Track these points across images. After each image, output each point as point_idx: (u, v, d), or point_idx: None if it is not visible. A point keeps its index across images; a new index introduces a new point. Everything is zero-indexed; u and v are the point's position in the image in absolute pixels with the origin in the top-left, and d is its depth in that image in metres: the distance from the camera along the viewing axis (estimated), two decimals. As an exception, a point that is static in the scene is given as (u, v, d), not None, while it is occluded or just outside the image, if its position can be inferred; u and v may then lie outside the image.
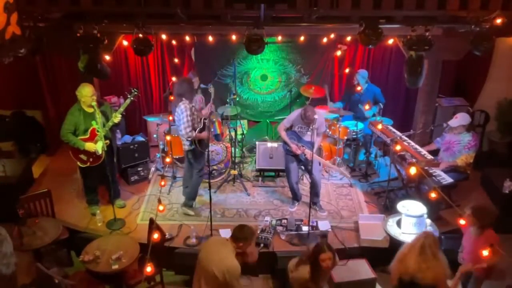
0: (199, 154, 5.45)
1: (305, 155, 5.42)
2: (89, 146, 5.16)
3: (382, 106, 6.52)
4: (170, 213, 5.69)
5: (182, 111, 5.17)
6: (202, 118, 5.48)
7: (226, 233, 5.24)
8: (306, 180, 6.35)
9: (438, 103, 6.69)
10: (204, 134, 5.31)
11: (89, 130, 5.18)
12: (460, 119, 5.44)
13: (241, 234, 3.77)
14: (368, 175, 6.49)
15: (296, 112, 5.53)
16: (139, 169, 6.37)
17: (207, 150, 5.32)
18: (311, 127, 5.09)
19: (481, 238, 3.92)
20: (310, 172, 5.34)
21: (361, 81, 6.45)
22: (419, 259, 3.46)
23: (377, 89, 6.48)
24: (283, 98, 7.62)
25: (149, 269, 3.51)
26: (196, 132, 5.27)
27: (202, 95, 6.76)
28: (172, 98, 5.32)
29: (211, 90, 5.98)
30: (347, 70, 7.34)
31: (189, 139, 5.25)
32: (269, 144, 6.37)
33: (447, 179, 5.19)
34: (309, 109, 5.25)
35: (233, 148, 6.31)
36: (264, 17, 4.95)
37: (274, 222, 5.32)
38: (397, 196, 5.69)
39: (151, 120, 6.83)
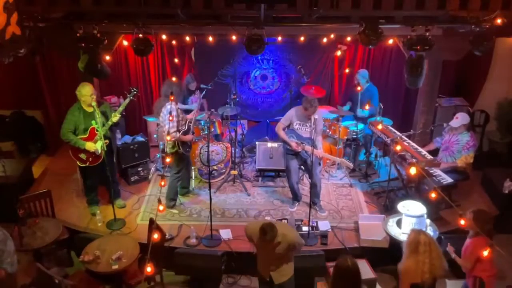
0: (179, 157, 5.51)
1: (306, 151, 5.42)
2: (89, 145, 5.17)
3: (382, 106, 6.52)
4: (170, 213, 5.69)
5: (168, 112, 5.26)
6: (187, 121, 5.52)
7: (226, 233, 5.25)
8: (306, 180, 6.35)
9: (438, 103, 6.68)
10: (188, 137, 5.44)
11: (89, 130, 5.18)
12: (461, 119, 5.45)
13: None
14: (368, 175, 6.49)
15: (293, 109, 5.53)
16: (139, 169, 6.37)
17: (189, 150, 5.44)
18: (312, 125, 5.09)
19: (470, 240, 3.96)
20: (310, 172, 5.34)
21: (362, 81, 6.44)
22: (432, 258, 3.47)
23: (375, 90, 6.46)
24: (283, 98, 7.62)
25: (149, 269, 3.50)
26: (180, 134, 5.34)
27: (199, 96, 6.76)
28: (172, 98, 5.33)
29: (202, 100, 6.00)
30: (347, 70, 7.33)
31: (173, 139, 5.31)
32: (269, 144, 6.36)
33: (447, 179, 5.20)
34: (310, 97, 5.26)
35: (233, 148, 6.31)
36: (264, 17, 4.95)
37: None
38: (397, 196, 5.69)
39: (151, 120, 6.82)
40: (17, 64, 5.24)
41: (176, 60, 7.15)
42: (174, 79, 5.71)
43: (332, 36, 5.91)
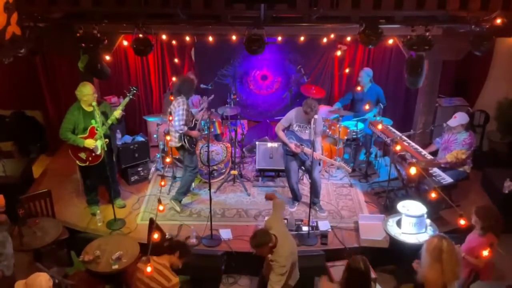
0: (188, 152, 5.52)
1: (305, 153, 5.42)
2: (89, 142, 5.15)
3: (382, 107, 6.52)
4: (170, 213, 5.69)
5: (179, 104, 5.32)
6: (194, 119, 5.52)
7: (226, 233, 5.25)
8: (306, 180, 6.35)
9: (438, 103, 6.69)
10: (194, 132, 5.46)
11: (88, 129, 5.18)
12: (459, 118, 5.46)
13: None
14: (368, 175, 6.49)
15: (293, 111, 5.52)
16: (139, 169, 6.37)
17: (194, 147, 5.47)
18: (311, 126, 5.09)
19: (480, 239, 3.94)
20: (310, 172, 5.33)
21: (366, 79, 6.42)
22: (454, 266, 3.38)
23: (380, 90, 6.47)
24: (283, 98, 7.61)
25: (149, 269, 3.51)
26: (186, 128, 5.37)
27: (200, 96, 6.76)
28: (172, 98, 5.33)
29: (205, 103, 6.03)
30: (347, 70, 7.33)
31: (180, 131, 5.34)
32: (269, 144, 6.36)
33: (447, 179, 5.20)
34: (311, 101, 5.23)
35: (233, 148, 6.31)
36: (264, 17, 4.95)
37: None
38: (397, 196, 5.68)
39: (151, 120, 6.82)
40: (17, 64, 5.24)
41: (176, 60, 7.15)
42: (174, 79, 5.72)
43: (332, 36, 5.91)
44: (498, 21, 4.60)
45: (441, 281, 3.36)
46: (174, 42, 6.86)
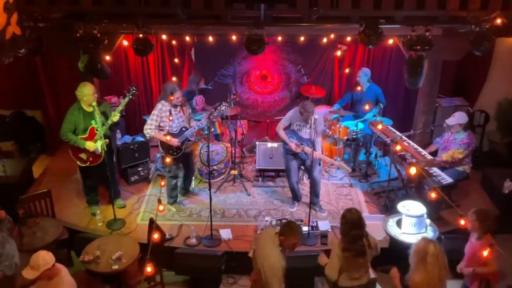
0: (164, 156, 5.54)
1: (305, 153, 5.42)
2: (89, 145, 5.17)
3: (382, 107, 6.52)
4: (170, 213, 5.70)
5: (156, 108, 5.38)
6: (182, 126, 5.44)
7: (226, 233, 5.25)
8: (306, 180, 6.34)
9: (438, 103, 6.69)
10: (171, 140, 5.32)
11: (88, 129, 5.18)
12: (457, 117, 5.47)
13: (283, 229, 3.76)
14: (368, 175, 6.49)
15: (292, 110, 5.54)
16: (139, 169, 6.37)
17: (172, 154, 5.41)
18: (312, 126, 5.09)
19: (480, 242, 3.92)
20: (310, 172, 5.34)
21: (364, 79, 6.43)
22: (440, 269, 3.36)
23: (379, 89, 6.48)
24: (283, 98, 7.62)
25: (149, 269, 3.51)
26: (163, 133, 5.34)
27: (202, 96, 6.76)
28: (171, 98, 5.33)
29: (223, 108, 5.56)
30: (347, 70, 7.33)
31: (147, 136, 5.46)
32: (269, 144, 6.36)
33: (447, 179, 5.20)
34: (307, 102, 5.27)
35: (233, 148, 6.31)
36: (264, 17, 4.95)
37: (274, 222, 5.32)
38: (397, 196, 5.69)
39: (151, 120, 6.81)
40: (17, 64, 5.24)
41: (176, 60, 7.15)
42: (174, 79, 5.71)
43: (332, 36, 5.91)
44: (498, 21, 4.60)
45: (426, 283, 3.34)
46: (174, 42, 6.86)
